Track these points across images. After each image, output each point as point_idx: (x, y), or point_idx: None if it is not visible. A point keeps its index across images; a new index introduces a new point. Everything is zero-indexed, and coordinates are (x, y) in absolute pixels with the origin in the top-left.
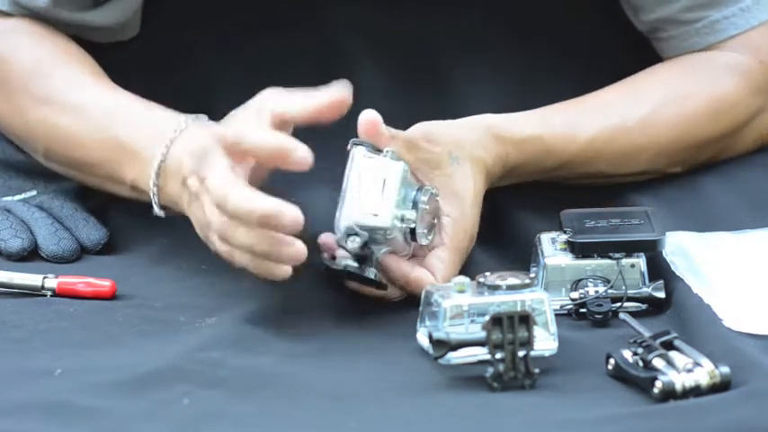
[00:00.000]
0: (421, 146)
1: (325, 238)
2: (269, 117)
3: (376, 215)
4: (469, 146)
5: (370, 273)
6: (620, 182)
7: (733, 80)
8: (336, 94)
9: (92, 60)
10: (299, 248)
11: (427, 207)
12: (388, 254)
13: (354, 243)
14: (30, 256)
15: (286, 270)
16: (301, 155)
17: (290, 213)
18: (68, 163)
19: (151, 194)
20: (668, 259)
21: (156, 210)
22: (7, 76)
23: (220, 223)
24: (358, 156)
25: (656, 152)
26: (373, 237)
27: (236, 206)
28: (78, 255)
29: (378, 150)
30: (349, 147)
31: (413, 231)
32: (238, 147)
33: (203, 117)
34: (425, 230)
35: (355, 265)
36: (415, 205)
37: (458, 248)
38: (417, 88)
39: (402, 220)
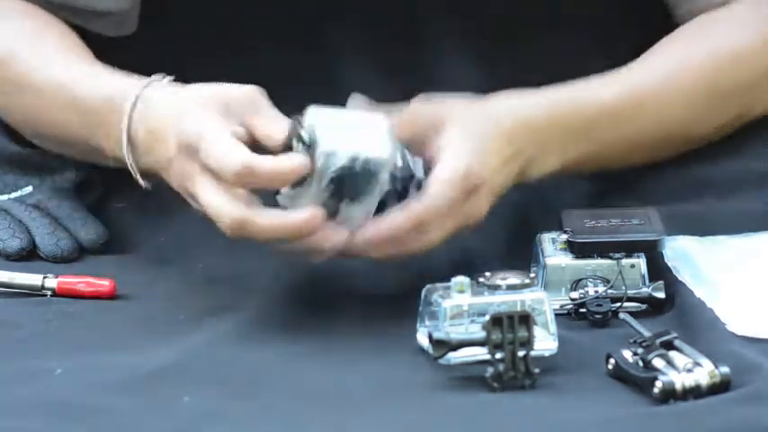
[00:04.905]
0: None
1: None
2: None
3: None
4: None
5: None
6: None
7: (751, 31)
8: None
9: (74, 36)
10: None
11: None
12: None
13: (305, 133)
14: (29, 255)
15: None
16: None
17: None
18: (56, 141)
19: (128, 166)
20: (670, 264)
21: (141, 182)
22: None
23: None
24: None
25: (683, 109)
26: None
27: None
28: (77, 254)
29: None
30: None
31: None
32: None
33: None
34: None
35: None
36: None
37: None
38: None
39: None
